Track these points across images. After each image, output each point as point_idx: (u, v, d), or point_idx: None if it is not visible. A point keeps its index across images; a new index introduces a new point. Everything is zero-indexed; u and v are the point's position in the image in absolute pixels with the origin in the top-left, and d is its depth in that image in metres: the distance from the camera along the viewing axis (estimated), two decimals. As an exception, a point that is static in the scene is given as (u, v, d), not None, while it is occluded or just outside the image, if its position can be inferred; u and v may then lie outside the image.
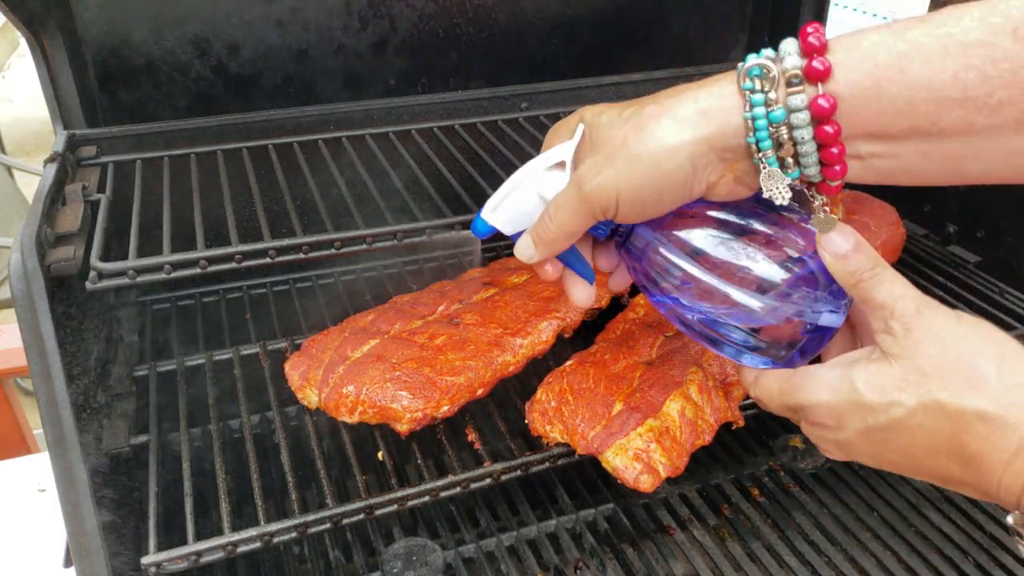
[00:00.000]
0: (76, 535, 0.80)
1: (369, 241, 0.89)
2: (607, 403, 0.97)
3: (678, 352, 1.04)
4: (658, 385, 0.98)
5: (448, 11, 1.38)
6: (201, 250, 0.84)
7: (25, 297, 0.77)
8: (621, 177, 0.64)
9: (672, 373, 1.00)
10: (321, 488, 0.92)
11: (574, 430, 0.95)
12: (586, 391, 0.98)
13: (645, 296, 0.79)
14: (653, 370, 1.01)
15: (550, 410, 0.97)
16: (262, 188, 1.00)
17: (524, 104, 1.28)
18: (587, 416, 0.95)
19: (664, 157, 0.62)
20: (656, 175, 0.63)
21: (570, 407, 0.96)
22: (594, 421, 0.95)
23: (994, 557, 1.18)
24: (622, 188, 0.64)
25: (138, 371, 1.07)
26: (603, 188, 0.65)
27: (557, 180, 0.70)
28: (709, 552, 1.21)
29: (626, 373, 1.01)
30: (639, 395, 0.97)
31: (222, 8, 1.25)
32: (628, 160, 0.64)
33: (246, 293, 1.35)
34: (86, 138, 1.07)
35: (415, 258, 1.44)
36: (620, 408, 0.96)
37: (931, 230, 1.45)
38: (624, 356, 1.04)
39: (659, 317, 1.11)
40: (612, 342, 1.09)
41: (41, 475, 1.43)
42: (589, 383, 0.99)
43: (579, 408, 0.96)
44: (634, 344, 1.07)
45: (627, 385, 0.99)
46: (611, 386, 0.99)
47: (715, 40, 1.63)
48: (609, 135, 0.65)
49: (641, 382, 1.00)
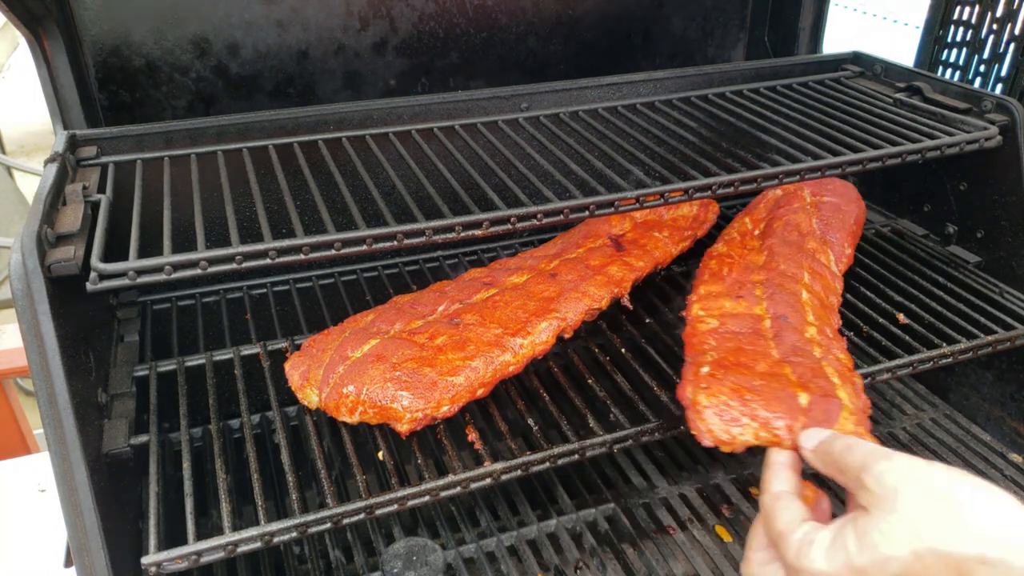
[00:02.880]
0: (76, 535, 0.80)
1: (369, 242, 0.89)
2: (791, 394, 0.90)
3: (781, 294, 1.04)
4: (811, 369, 0.95)
5: (448, 11, 1.38)
6: (201, 251, 0.84)
7: (25, 297, 0.77)
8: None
9: (823, 371, 0.97)
10: (321, 488, 0.92)
11: (777, 428, 0.87)
12: (761, 387, 0.90)
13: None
14: (791, 356, 0.99)
15: (734, 412, 0.88)
16: (262, 188, 1.00)
17: (524, 104, 1.28)
18: (785, 410, 0.88)
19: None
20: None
21: (757, 402, 0.88)
22: (792, 415, 0.88)
23: (994, 557, 1.18)
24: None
25: (138, 371, 1.07)
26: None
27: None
28: (709, 552, 1.21)
29: (770, 360, 0.97)
30: (810, 383, 0.93)
31: (222, 8, 1.25)
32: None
33: (246, 293, 1.35)
34: (86, 138, 1.07)
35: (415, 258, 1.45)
36: (808, 397, 0.90)
37: (931, 230, 1.45)
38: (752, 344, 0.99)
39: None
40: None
41: (41, 475, 1.43)
42: (753, 378, 0.92)
43: (771, 404, 0.88)
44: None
45: (782, 374, 0.94)
46: (772, 377, 0.93)
47: (715, 40, 1.63)
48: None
49: (794, 369, 0.96)
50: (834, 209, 1.35)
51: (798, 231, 1.29)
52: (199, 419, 1.19)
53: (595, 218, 1.29)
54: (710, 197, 1.04)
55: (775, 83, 1.39)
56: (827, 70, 1.46)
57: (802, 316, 1.09)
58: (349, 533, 1.22)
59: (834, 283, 1.22)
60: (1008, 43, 1.48)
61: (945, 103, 1.28)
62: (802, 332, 1.06)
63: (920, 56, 1.64)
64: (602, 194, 0.98)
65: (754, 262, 1.23)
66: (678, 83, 1.36)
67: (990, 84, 1.53)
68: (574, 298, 1.14)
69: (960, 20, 1.55)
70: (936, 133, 1.18)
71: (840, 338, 1.10)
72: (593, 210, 0.97)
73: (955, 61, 1.58)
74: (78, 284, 0.81)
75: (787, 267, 1.20)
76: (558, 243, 1.34)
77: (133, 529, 0.95)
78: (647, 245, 1.30)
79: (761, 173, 1.04)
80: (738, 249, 1.27)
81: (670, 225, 1.37)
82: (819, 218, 1.33)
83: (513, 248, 1.50)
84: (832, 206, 1.36)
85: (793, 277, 1.18)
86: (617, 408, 1.05)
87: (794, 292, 1.14)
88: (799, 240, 1.27)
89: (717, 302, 1.12)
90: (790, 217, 1.33)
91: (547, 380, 1.13)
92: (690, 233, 1.37)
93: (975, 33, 1.53)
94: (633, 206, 0.99)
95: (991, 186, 1.31)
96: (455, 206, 0.95)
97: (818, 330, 1.07)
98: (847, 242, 1.32)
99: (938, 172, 1.41)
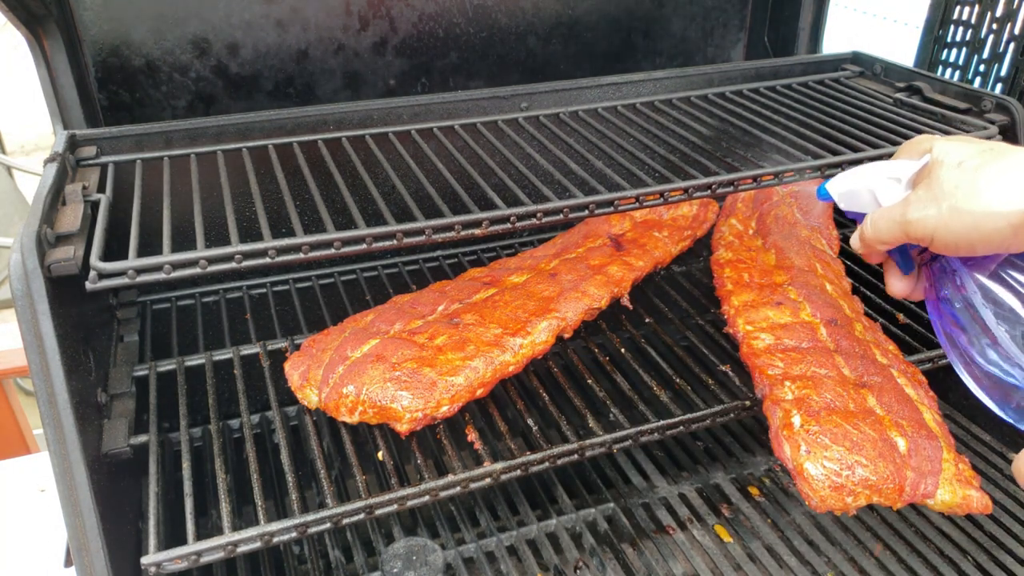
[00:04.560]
0: (76, 535, 0.80)
1: (369, 241, 0.89)
2: (891, 444, 0.90)
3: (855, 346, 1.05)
4: (900, 400, 0.95)
5: (448, 11, 1.38)
6: (201, 250, 0.84)
7: (25, 297, 0.77)
8: (941, 221, 0.71)
9: (896, 384, 0.99)
10: (321, 488, 0.93)
11: (890, 489, 0.87)
12: (862, 441, 0.90)
13: (933, 318, 0.80)
14: (863, 373, 1.00)
15: (846, 483, 0.87)
16: (262, 188, 1.00)
17: (524, 104, 1.28)
18: (894, 471, 0.87)
19: (985, 218, 0.67)
20: (974, 231, 0.68)
21: (865, 467, 0.88)
22: (900, 473, 0.88)
23: (994, 557, 1.18)
24: (938, 230, 0.71)
25: (138, 371, 1.07)
26: (922, 223, 0.72)
27: (892, 191, 0.80)
28: (709, 552, 1.21)
29: (848, 385, 0.97)
30: (897, 413, 0.94)
31: (222, 8, 1.25)
32: (952, 210, 0.70)
33: (246, 293, 1.35)
34: (86, 138, 1.07)
35: (414, 258, 1.45)
36: (906, 443, 0.90)
37: (931, 230, 1.45)
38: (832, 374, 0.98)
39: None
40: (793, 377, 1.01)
41: (41, 475, 1.43)
42: (848, 425, 0.91)
43: (877, 466, 0.88)
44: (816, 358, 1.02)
45: (869, 408, 0.94)
46: (864, 417, 0.92)
47: (715, 40, 1.63)
48: (945, 177, 0.71)
49: (877, 397, 0.96)
50: (809, 196, 1.39)
51: (788, 223, 1.31)
52: (199, 419, 1.19)
53: (595, 218, 1.29)
54: (710, 196, 1.04)
55: (775, 83, 1.39)
56: (827, 70, 1.46)
57: (842, 312, 1.11)
58: (349, 533, 1.22)
59: (837, 266, 1.24)
60: (1008, 43, 1.48)
61: (945, 103, 1.28)
62: (852, 331, 1.08)
63: (920, 56, 1.64)
64: (602, 193, 0.98)
65: (766, 262, 1.24)
66: (678, 83, 1.36)
67: (990, 84, 1.53)
68: (574, 298, 1.14)
69: (960, 20, 1.55)
70: (936, 133, 1.19)
71: (875, 324, 1.11)
72: (593, 209, 0.97)
73: (955, 61, 1.58)
74: (78, 284, 0.81)
75: (800, 261, 1.21)
76: (558, 243, 1.34)
77: (133, 529, 0.95)
78: (647, 245, 1.30)
79: (761, 173, 1.04)
80: (744, 252, 1.28)
81: (670, 225, 1.37)
82: (799, 208, 1.35)
83: (513, 248, 1.50)
84: (806, 194, 1.39)
85: (811, 271, 1.19)
86: (616, 408, 1.05)
87: (819, 287, 1.15)
88: (794, 232, 1.29)
89: (759, 313, 1.11)
90: (777, 211, 1.35)
91: (547, 380, 1.13)
92: (690, 233, 1.37)
93: (975, 33, 1.53)
94: (633, 205, 0.99)
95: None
96: (455, 205, 0.95)
97: (861, 324, 1.11)
98: (829, 224, 1.35)
99: (938, 172, 1.41)
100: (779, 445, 0.92)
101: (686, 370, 1.14)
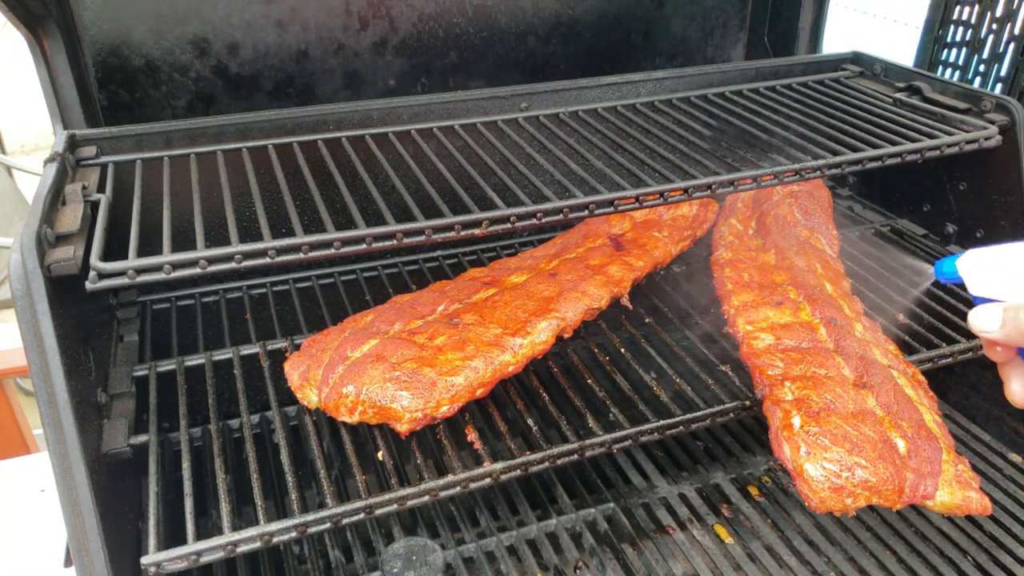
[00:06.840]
0: (76, 535, 0.80)
1: (369, 241, 0.89)
2: (891, 446, 0.90)
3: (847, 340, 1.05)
4: (900, 401, 0.95)
5: (448, 11, 1.38)
6: (201, 250, 0.84)
7: (25, 297, 0.77)
8: None
9: (896, 384, 0.99)
10: (321, 488, 0.92)
11: (889, 490, 0.88)
12: (861, 442, 0.90)
13: None
14: (863, 373, 1.00)
15: (845, 484, 0.88)
16: (262, 188, 1.00)
17: (524, 104, 1.28)
18: (893, 472, 0.88)
19: None
20: None
21: (865, 468, 0.88)
22: (900, 475, 0.88)
23: (994, 557, 1.18)
24: None
25: (138, 371, 1.07)
26: None
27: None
28: (709, 552, 1.21)
29: (847, 385, 0.97)
30: (897, 413, 0.94)
31: (222, 8, 1.25)
32: None
33: (246, 293, 1.35)
34: (86, 138, 1.07)
35: (414, 258, 1.45)
36: (905, 444, 0.91)
37: (931, 230, 1.45)
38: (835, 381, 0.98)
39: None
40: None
41: (41, 475, 1.43)
42: (847, 426, 0.91)
43: (877, 467, 0.88)
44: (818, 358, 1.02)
45: (869, 410, 0.94)
46: (863, 418, 0.93)
47: (715, 40, 1.63)
48: None
49: (876, 397, 0.96)
50: (808, 196, 1.39)
51: (787, 223, 1.31)
52: (199, 419, 1.19)
53: (595, 218, 1.29)
54: (710, 196, 1.04)
55: (775, 83, 1.39)
56: (827, 70, 1.46)
57: (842, 312, 1.11)
58: (349, 533, 1.22)
59: (837, 266, 1.24)
60: (1008, 43, 1.48)
61: (945, 103, 1.28)
62: (852, 331, 1.08)
63: (920, 56, 1.64)
64: (602, 193, 0.98)
65: (766, 262, 1.24)
66: (678, 83, 1.36)
67: (990, 84, 1.53)
68: (573, 298, 1.14)
69: (960, 20, 1.55)
70: (936, 133, 1.18)
71: (875, 324, 1.11)
72: (593, 209, 0.97)
73: (955, 61, 1.58)
74: (78, 284, 0.81)
75: (800, 261, 1.21)
76: (558, 243, 1.34)
77: (133, 529, 0.95)
78: (647, 245, 1.30)
79: (761, 173, 1.04)
80: (744, 252, 1.28)
81: (670, 225, 1.37)
82: (798, 208, 1.35)
83: (513, 248, 1.50)
84: (806, 194, 1.40)
85: (811, 271, 1.19)
86: (616, 408, 1.05)
87: (819, 286, 1.16)
88: (794, 232, 1.29)
89: (759, 313, 1.12)
90: (776, 211, 1.35)
91: (547, 380, 1.13)
92: (690, 233, 1.37)
93: (975, 33, 1.53)
94: (633, 205, 0.99)
95: (991, 186, 1.31)
96: (455, 205, 0.95)
97: (861, 324, 1.10)
98: (829, 224, 1.35)
99: (938, 172, 1.41)
100: (779, 446, 0.92)
101: (686, 370, 1.14)
